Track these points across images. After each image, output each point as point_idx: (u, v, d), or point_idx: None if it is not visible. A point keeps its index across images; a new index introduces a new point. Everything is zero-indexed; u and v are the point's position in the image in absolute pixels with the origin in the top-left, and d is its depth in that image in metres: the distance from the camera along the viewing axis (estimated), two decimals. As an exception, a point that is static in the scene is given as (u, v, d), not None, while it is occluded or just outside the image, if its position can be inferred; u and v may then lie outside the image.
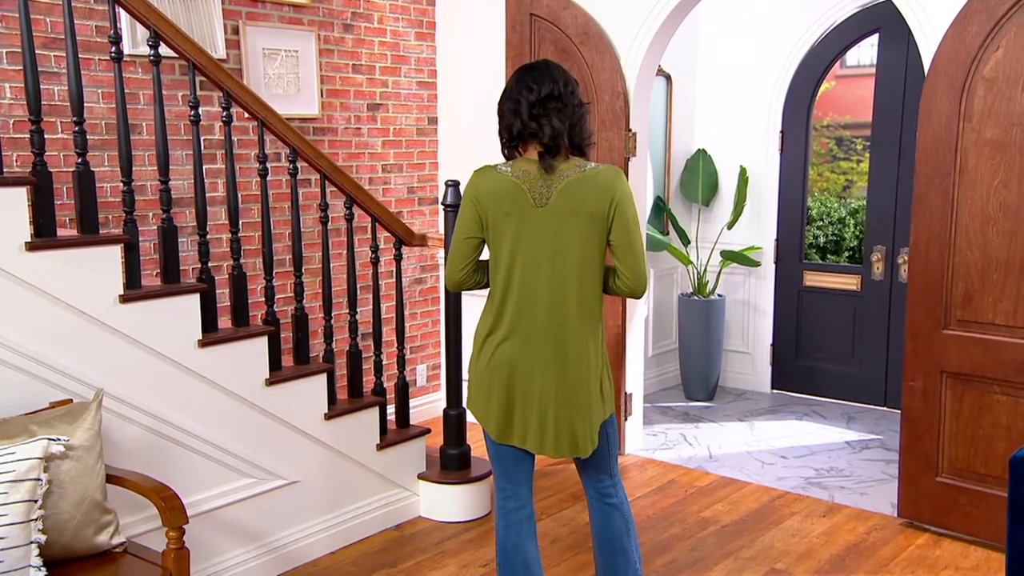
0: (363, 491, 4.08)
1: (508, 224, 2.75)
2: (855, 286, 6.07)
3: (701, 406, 6.14)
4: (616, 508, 2.96)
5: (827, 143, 6.87)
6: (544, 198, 2.74)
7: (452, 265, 2.84)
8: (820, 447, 5.30)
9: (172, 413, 3.35)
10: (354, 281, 4.16)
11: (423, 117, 5.55)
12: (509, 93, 2.81)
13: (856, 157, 6.77)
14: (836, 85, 6.73)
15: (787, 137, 6.18)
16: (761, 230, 6.29)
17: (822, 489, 4.65)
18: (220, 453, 3.52)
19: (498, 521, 2.93)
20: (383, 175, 5.34)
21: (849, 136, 6.74)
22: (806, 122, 6.15)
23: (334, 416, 3.92)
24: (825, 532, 4.14)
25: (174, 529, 2.70)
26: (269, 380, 3.66)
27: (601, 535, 2.96)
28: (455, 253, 2.83)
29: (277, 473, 3.73)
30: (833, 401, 6.21)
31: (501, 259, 2.78)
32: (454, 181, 4.25)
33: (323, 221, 3.99)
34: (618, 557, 2.95)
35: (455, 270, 2.84)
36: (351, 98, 5.12)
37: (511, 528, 2.89)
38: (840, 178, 6.96)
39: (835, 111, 6.74)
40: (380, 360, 4.27)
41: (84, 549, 2.77)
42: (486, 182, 2.78)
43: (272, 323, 3.76)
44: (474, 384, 2.88)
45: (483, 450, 5.10)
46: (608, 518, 2.95)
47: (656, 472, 4.87)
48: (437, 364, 5.80)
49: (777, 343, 6.41)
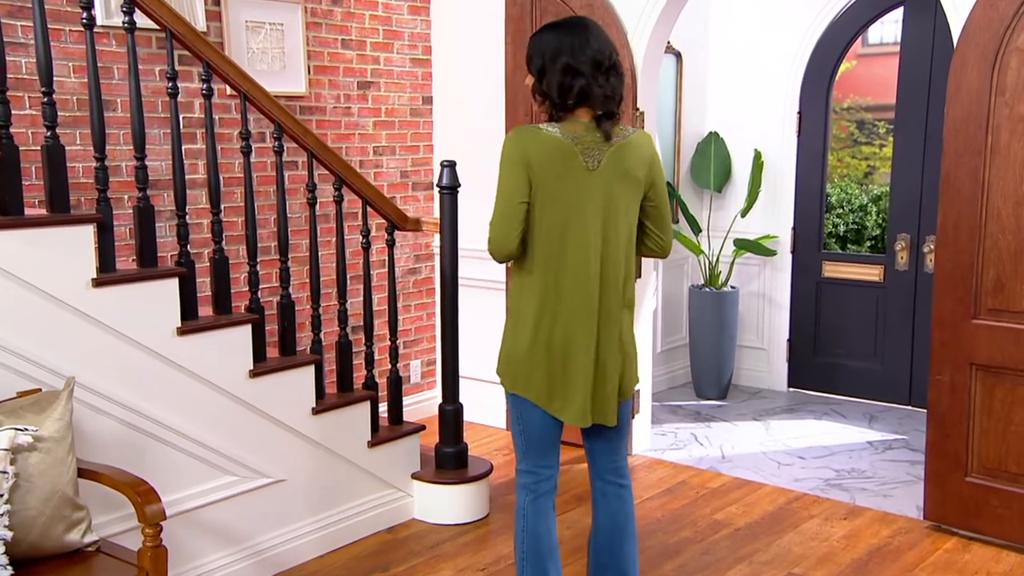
0: (353, 491, 4.06)
1: (559, 188, 2.79)
2: (878, 277, 6.05)
3: (713, 405, 6.11)
4: (628, 490, 3.06)
5: (848, 127, 6.86)
6: (596, 161, 2.81)
7: (505, 233, 2.79)
8: (840, 447, 5.28)
9: (148, 405, 3.33)
10: (343, 268, 4.13)
11: (417, 96, 5.52)
12: (561, 50, 2.79)
13: (879, 141, 6.76)
14: (857, 64, 6.71)
15: (805, 119, 6.16)
16: (777, 218, 6.27)
17: (843, 491, 4.63)
18: (200, 449, 3.50)
19: (526, 507, 2.95)
20: (374, 158, 5.32)
21: (871, 119, 6.72)
22: (825, 104, 6.13)
23: (322, 411, 3.90)
24: (846, 536, 4.12)
25: (151, 526, 2.68)
26: (253, 371, 3.64)
27: (614, 520, 3.01)
28: (507, 220, 2.79)
29: (261, 471, 3.71)
30: (854, 400, 6.19)
31: (552, 225, 2.81)
32: (450, 161, 4.23)
33: (310, 203, 3.96)
34: (629, 543, 3.03)
35: (510, 239, 2.80)
36: (340, 75, 5.09)
37: (540, 514, 2.94)
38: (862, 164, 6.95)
39: (856, 92, 6.72)
40: (372, 352, 4.25)
41: (53, 547, 2.75)
42: (534, 143, 2.78)
43: (256, 311, 3.73)
44: (522, 361, 2.88)
45: (481, 449, 5.08)
46: (622, 502, 3.03)
47: (665, 473, 4.86)
48: (432, 360, 5.78)
49: (794, 338, 6.39)
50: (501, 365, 2.97)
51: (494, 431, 5.48)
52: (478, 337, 5.53)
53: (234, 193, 4.57)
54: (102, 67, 4.00)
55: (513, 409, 2.97)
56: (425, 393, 5.75)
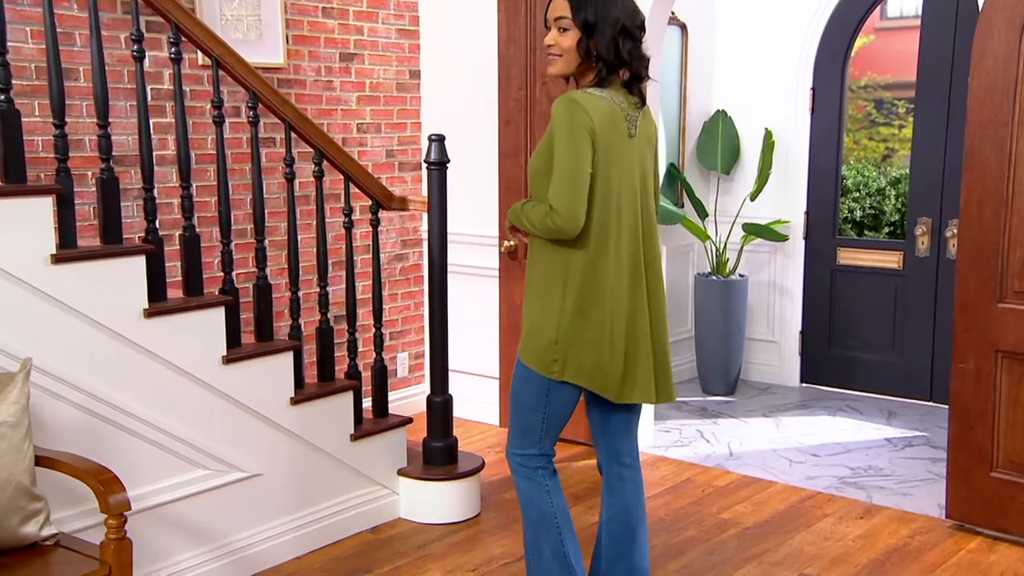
0: (335, 488, 4.03)
1: (611, 156, 2.88)
2: (896, 264, 6.03)
3: (720, 401, 6.10)
4: (641, 473, 3.19)
5: (865, 106, 6.83)
6: (634, 127, 2.95)
7: (578, 204, 2.80)
8: (856, 445, 5.26)
9: (113, 392, 3.29)
10: (324, 249, 4.10)
11: (404, 70, 5.49)
12: (616, 10, 2.86)
13: (898, 122, 6.73)
14: (875, 39, 6.68)
15: (819, 96, 6.14)
16: (789, 202, 6.25)
17: (859, 489, 4.62)
18: (169, 440, 3.47)
19: (548, 483, 3.05)
20: (358, 135, 5.29)
21: (890, 98, 6.69)
22: (840, 81, 6.11)
23: (301, 401, 3.87)
24: (862, 535, 4.10)
25: (114, 516, 2.65)
26: (227, 358, 3.61)
27: (632, 505, 3.11)
28: (579, 190, 2.81)
29: (235, 464, 3.68)
30: (871, 396, 6.17)
31: (606, 195, 2.88)
32: (438, 135, 4.20)
33: (288, 179, 3.93)
34: (644, 531, 3.14)
35: (582, 210, 2.81)
36: (321, 46, 5.06)
37: (561, 490, 3.09)
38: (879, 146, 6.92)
39: (874, 69, 6.69)
40: (354, 340, 4.22)
41: (8, 540, 2.71)
42: (594, 109, 2.84)
43: (230, 293, 3.70)
44: (573, 344, 2.90)
45: (472, 446, 5.06)
46: (638, 485, 3.15)
47: (669, 471, 4.84)
48: (420, 353, 5.75)
49: (807, 330, 6.37)
50: (541, 351, 2.94)
51: (486, 428, 5.46)
52: (469, 328, 5.50)
53: (206, 171, 4.54)
54: (63, 33, 3.97)
55: (536, 392, 2.98)
56: (413, 388, 5.72)
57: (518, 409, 3.05)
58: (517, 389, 3.04)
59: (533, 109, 5.10)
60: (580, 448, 5.07)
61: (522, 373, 3.01)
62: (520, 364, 3.02)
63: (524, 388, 3.02)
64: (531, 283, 3.02)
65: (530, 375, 2.98)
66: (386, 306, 5.42)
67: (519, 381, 3.03)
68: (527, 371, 2.99)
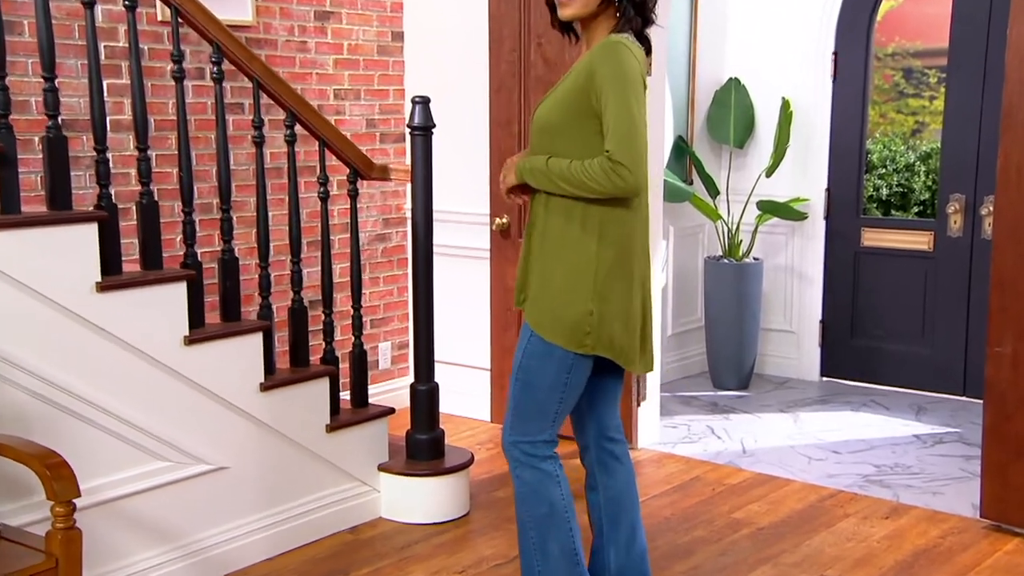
0: (309, 483, 4.02)
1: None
2: (926, 245, 6.02)
3: (733, 396, 6.10)
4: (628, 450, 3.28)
5: (892, 76, 6.82)
6: (647, 79, 2.98)
7: (645, 159, 2.83)
8: (882, 441, 5.27)
9: (63, 375, 3.28)
10: (297, 220, 4.09)
11: (386, 31, 5.48)
12: None
13: (928, 93, 6.72)
14: (903, 2, 6.68)
15: (842, 62, 6.13)
16: (808, 178, 6.25)
17: (884, 488, 4.62)
18: (126, 428, 3.45)
19: (558, 472, 3.07)
20: (335, 103, 5.27)
21: (920, 67, 6.68)
22: (865, 47, 6.10)
23: (272, 387, 3.86)
24: (888, 536, 4.10)
25: (61, 504, 2.63)
26: (189, 338, 3.60)
27: (625, 483, 3.18)
28: (644, 143, 2.84)
29: (199, 456, 3.67)
30: (899, 390, 6.17)
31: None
32: (422, 97, 4.20)
33: (257, 143, 3.92)
34: (637, 510, 3.23)
35: (646, 164, 2.85)
36: (294, 3, 5.04)
37: (565, 480, 3.09)
38: (908, 119, 6.91)
39: (902, 35, 6.68)
40: (331, 322, 4.21)
41: (-54, 531, 2.69)
42: (639, 56, 2.91)
43: (193, 268, 3.69)
44: (608, 313, 2.94)
45: (461, 444, 5.04)
46: (629, 461, 3.22)
47: (676, 468, 4.85)
48: (404, 343, 5.74)
49: (828, 319, 6.36)
50: (573, 324, 2.92)
51: (476, 424, 5.45)
52: (457, 314, 5.49)
53: (167, 139, 4.52)
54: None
55: (558, 370, 2.96)
56: (396, 381, 5.71)
57: (530, 390, 2.99)
58: (531, 368, 2.98)
59: (527, 73, 5.08)
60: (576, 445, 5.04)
61: (540, 350, 2.96)
62: (537, 340, 2.96)
63: (543, 367, 2.96)
64: (548, 247, 2.97)
65: (552, 351, 2.94)
66: (367, 291, 5.41)
67: (535, 360, 2.97)
68: (549, 347, 2.94)
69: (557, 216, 2.96)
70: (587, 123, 2.88)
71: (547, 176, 2.93)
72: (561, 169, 2.89)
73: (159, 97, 4.48)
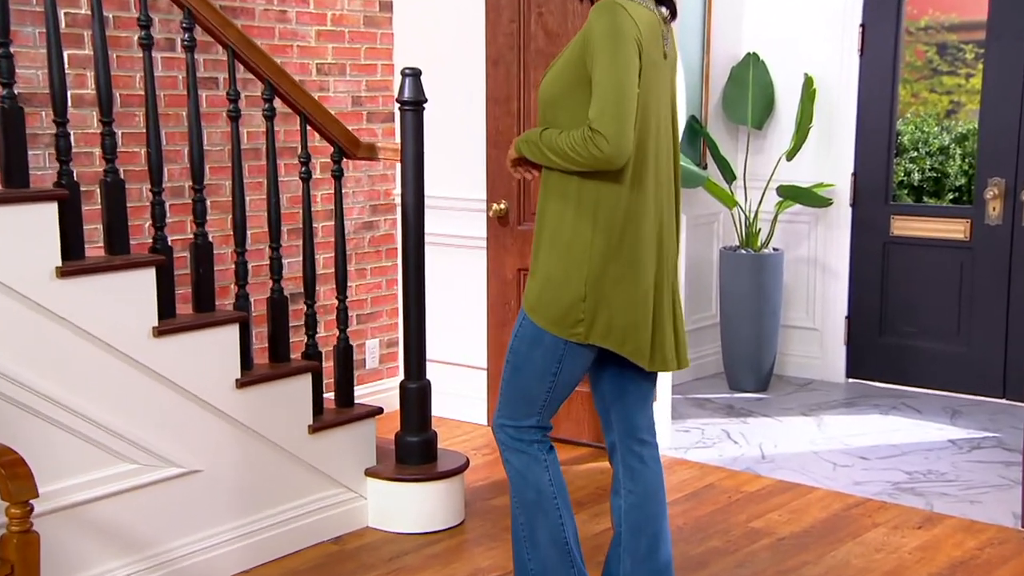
0: (290, 489, 4.02)
1: (651, 76, 2.92)
2: (962, 234, 6.03)
3: (751, 398, 6.10)
4: (659, 451, 3.27)
5: (925, 52, 6.83)
6: (667, 45, 3.02)
7: (627, 127, 2.81)
8: (914, 446, 5.27)
9: (20, 368, 3.27)
10: (277, 204, 4.09)
11: (373, 1, 5.48)
12: None
13: (965, 70, 6.73)
14: (937, -30, 6.70)
15: (870, 35, 6.12)
16: (833, 162, 6.24)
17: (916, 496, 4.62)
18: (89, 427, 3.44)
19: (547, 456, 3.12)
20: (318, 79, 5.27)
21: (955, 41, 6.69)
22: (896, 18, 6.10)
23: (249, 383, 3.86)
24: (921, 547, 4.10)
25: (17, 505, 2.63)
26: (158, 329, 3.59)
27: (653, 488, 3.19)
28: (628, 110, 2.81)
29: (169, 458, 3.66)
30: (932, 392, 6.17)
31: (647, 119, 2.94)
32: (413, 69, 4.19)
33: (232, 117, 3.91)
34: (666, 517, 3.25)
35: (631, 136, 2.83)
36: (274, -31, 5.06)
37: (558, 464, 3.16)
38: (942, 99, 6.93)
39: (936, 7, 6.69)
40: (313, 314, 4.21)
41: None
42: (639, 16, 2.88)
43: (162, 253, 3.69)
44: (603, 299, 2.94)
45: (457, 444, 5.05)
46: (660, 466, 3.23)
47: (689, 474, 4.85)
48: (394, 340, 5.74)
49: (854, 315, 6.36)
50: (564, 310, 2.95)
51: (472, 428, 5.45)
52: (451, 309, 5.49)
53: (134, 116, 4.52)
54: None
55: (546, 357, 2.99)
56: (384, 382, 5.72)
57: (518, 375, 3.05)
58: (520, 352, 3.03)
59: (527, 46, 5.08)
60: (584, 450, 5.08)
61: (530, 333, 3.00)
62: (529, 324, 3.00)
63: (531, 352, 3.01)
64: (545, 228, 3.00)
65: (541, 337, 2.98)
66: (353, 283, 5.40)
67: (524, 343, 3.02)
68: (539, 332, 2.98)
69: (553, 194, 2.99)
70: (586, 93, 2.88)
71: (539, 147, 2.97)
72: (550, 139, 2.92)
73: (125, 70, 4.47)
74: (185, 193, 4.66)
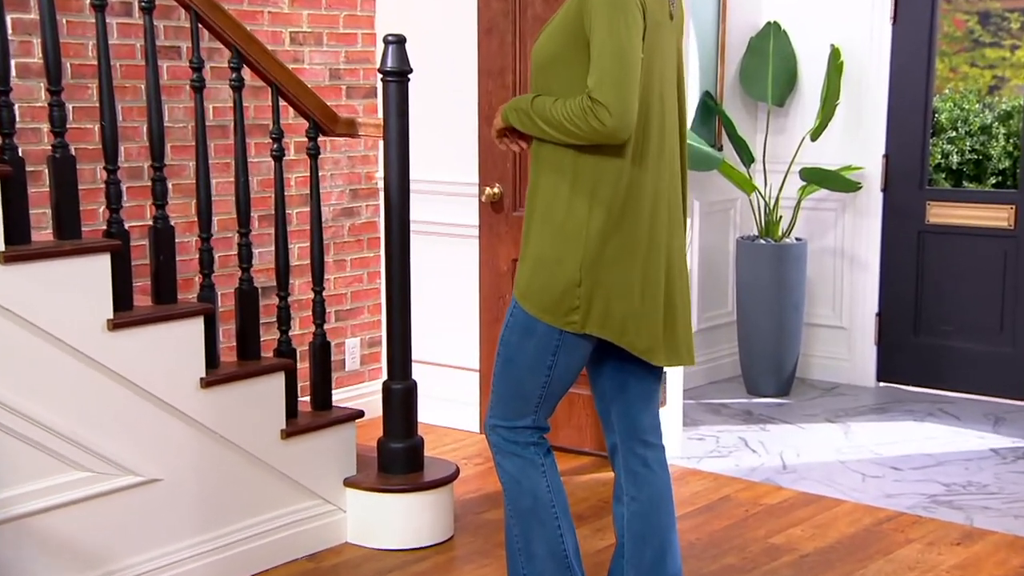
0: (260, 500, 4.01)
1: (655, 40, 2.95)
2: (1006, 222, 6.04)
3: (771, 403, 6.11)
4: (665, 454, 3.28)
5: (965, 21, 6.84)
6: (673, 6, 3.05)
7: (631, 96, 2.82)
8: (952, 456, 5.28)
9: (-39, 364, 3.27)
10: (246, 186, 4.08)
11: (353, -39, 5.51)
12: None
13: (1010, 41, 6.74)
14: (978, -70, 6.71)
15: (904, 3, 6.13)
16: (862, 142, 6.26)
17: (955, 510, 4.63)
18: (37, 430, 3.43)
19: (543, 460, 3.13)
20: (292, 48, 5.27)
21: (999, 9, 6.70)
22: (931, -14, 6.11)
23: (215, 383, 3.85)
24: (959, 565, 4.11)
25: (-43, 513, 2.61)
26: (113, 322, 3.58)
27: (661, 494, 3.19)
28: (632, 78, 2.83)
29: (126, 466, 3.65)
30: (972, 397, 6.18)
31: (650, 87, 2.96)
32: (397, 36, 4.18)
33: (196, 88, 3.90)
34: (674, 527, 3.24)
35: (634, 106, 2.84)
36: (242, -74, 5.05)
37: (556, 469, 3.17)
38: (985, 73, 6.93)
39: (977, -29, 6.71)
40: (287, 307, 4.21)
41: None
42: None
43: (118, 237, 3.68)
44: (601, 282, 2.95)
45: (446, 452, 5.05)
46: (667, 471, 3.23)
47: (703, 486, 4.86)
48: (376, 339, 5.74)
49: (886, 311, 6.37)
50: (557, 296, 2.96)
51: (462, 435, 5.46)
52: (440, 304, 5.48)
53: (87, 88, 4.52)
54: None
55: (540, 348, 3.01)
56: (366, 385, 5.73)
57: (510, 369, 3.06)
58: (511, 343, 3.05)
59: (523, 12, 5.08)
60: (586, 459, 5.09)
61: (521, 322, 3.01)
62: (521, 312, 3.01)
63: (523, 343, 3.02)
64: (537, 205, 3.01)
65: (534, 326, 2.99)
66: (331, 276, 5.40)
67: (516, 333, 3.03)
68: (531, 321, 2.99)
69: (546, 169, 2.99)
70: (582, 55, 2.89)
71: (529, 117, 2.97)
72: (543, 109, 2.92)
73: (76, 36, 4.47)
74: (144, 174, 4.66)
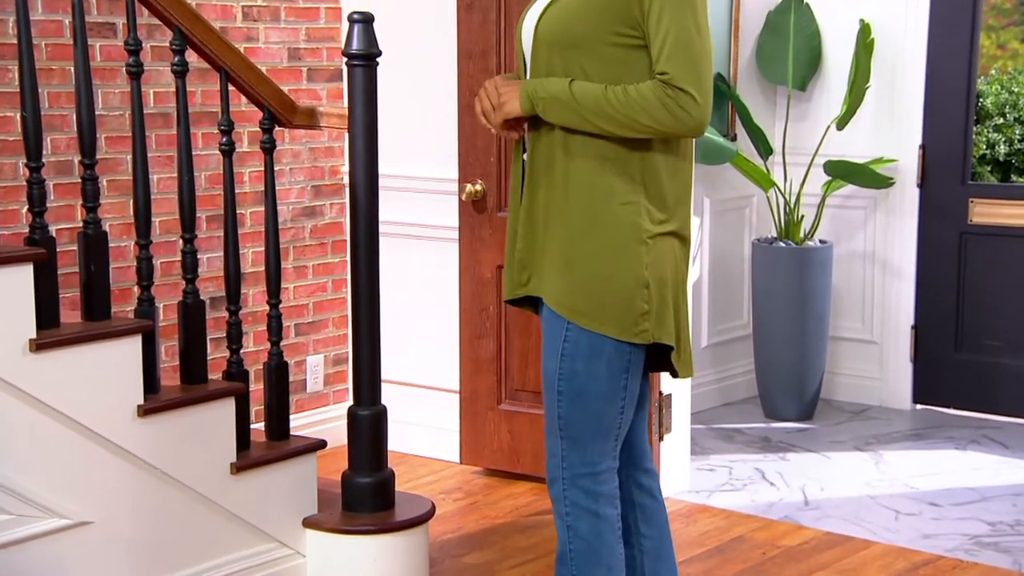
0: (207, 544, 4.00)
1: None
2: (1058, 222, 6.06)
3: (791, 428, 6.13)
4: None
5: (1013, -8, 6.88)
6: None
7: (711, 86, 2.91)
8: (998, 490, 5.29)
9: None
10: (191, 184, 4.05)
11: (313, -76, 5.51)
12: None
13: (1067, 13, 6.78)
14: None
15: (939, -28, 6.15)
16: (895, 131, 6.27)
17: (1001, 552, 4.64)
18: (-53, 466, 3.43)
19: (616, 524, 3.10)
20: (244, 25, 5.28)
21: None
22: (975, -50, 6.13)
23: (154, 411, 3.83)
24: (1006, 617, 4.12)
25: None
26: (36, 342, 3.56)
27: (658, 536, 3.25)
28: (711, 65, 2.93)
29: (51, 507, 3.63)
30: (1021, 422, 6.19)
31: None
32: (363, 14, 4.16)
33: (132, 73, 3.87)
34: (675, 562, 3.31)
35: (712, 102, 2.93)
36: None
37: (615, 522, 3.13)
38: (1037, 51, 6.98)
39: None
40: (238, 323, 4.19)
41: None
42: None
43: (42, 244, 3.66)
44: (662, 285, 3.00)
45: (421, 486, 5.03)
46: (663, 501, 3.29)
47: (713, 525, 4.86)
48: (342, 356, 5.73)
49: (923, 324, 6.38)
50: (624, 304, 2.96)
51: (440, 466, 5.46)
52: (414, 317, 5.47)
53: (7, 72, 4.53)
54: None
55: (614, 369, 3.01)
56: (330, 409, 5.74)
57: (584, 403, 3.02)
58: (578, 374, 3.01)
59: (509, -15, 5.08)
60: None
61: (585, 346, 2.98)
62: (578, 333, 2.99)
63: (592, 368, 2.99)
64: (575, 202, 2.99)
65: (601, 347, 2.98)
66: (289, 284, 5.40)
67: (581, 361, 3.00)
68: (597, 341, 2.97)
69: (585, 160, 2.98)
70: (622, 37, 2.91)
71: (572, 108, 2.94)
72: (594, 98, 2.90)
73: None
74: (73, 170, 4.65)
